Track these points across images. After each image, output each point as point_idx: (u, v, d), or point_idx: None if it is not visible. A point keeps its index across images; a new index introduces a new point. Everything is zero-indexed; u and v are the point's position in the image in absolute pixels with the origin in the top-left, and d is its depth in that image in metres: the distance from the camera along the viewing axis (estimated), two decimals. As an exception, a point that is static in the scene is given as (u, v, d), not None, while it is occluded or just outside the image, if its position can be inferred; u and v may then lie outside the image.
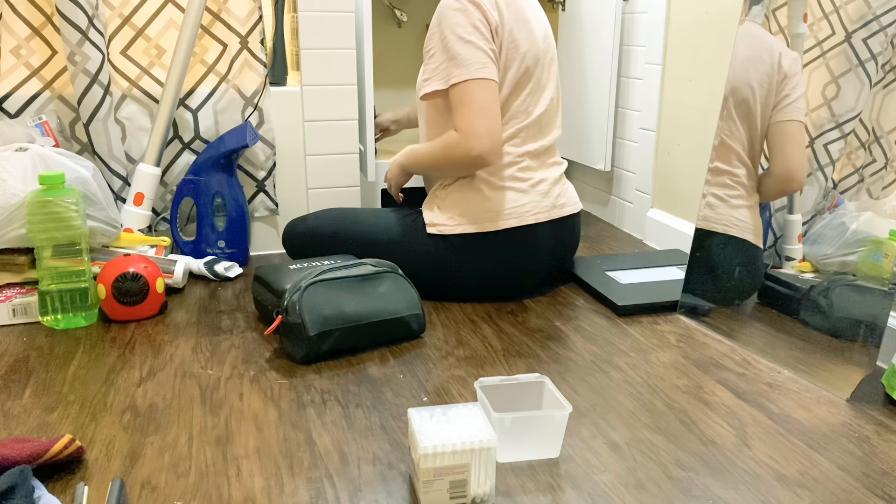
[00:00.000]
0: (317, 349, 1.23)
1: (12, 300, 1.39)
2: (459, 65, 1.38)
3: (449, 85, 1.40)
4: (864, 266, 1.16)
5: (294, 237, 1.62)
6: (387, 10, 2.38)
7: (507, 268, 1.49)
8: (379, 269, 1.33)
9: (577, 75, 2.23)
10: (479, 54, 1.39)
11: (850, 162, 1.20)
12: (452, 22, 1.39)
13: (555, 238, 1.52)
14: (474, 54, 1.38)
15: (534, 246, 1.49)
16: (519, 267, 1.50)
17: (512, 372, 1.21)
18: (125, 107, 1.69)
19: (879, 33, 1.16)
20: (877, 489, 0.92)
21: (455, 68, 1.39)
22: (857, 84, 1.19)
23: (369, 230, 1.54)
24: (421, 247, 1.49)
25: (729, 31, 1.66)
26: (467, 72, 1.38)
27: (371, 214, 1.59)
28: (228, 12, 1.70)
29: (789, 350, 1.26)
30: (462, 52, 1.38)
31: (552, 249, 1.53)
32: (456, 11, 1.39)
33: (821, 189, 1.25)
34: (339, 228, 1.57)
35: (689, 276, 1.46)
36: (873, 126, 1.17)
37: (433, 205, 1.52)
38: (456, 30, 1.39)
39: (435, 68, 1.42)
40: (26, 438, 0.92)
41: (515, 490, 0.91)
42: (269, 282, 1.33)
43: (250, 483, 0.91)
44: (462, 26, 1.38)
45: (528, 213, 1.47)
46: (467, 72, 1.38)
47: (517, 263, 1.49)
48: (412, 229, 1.52)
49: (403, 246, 1.50)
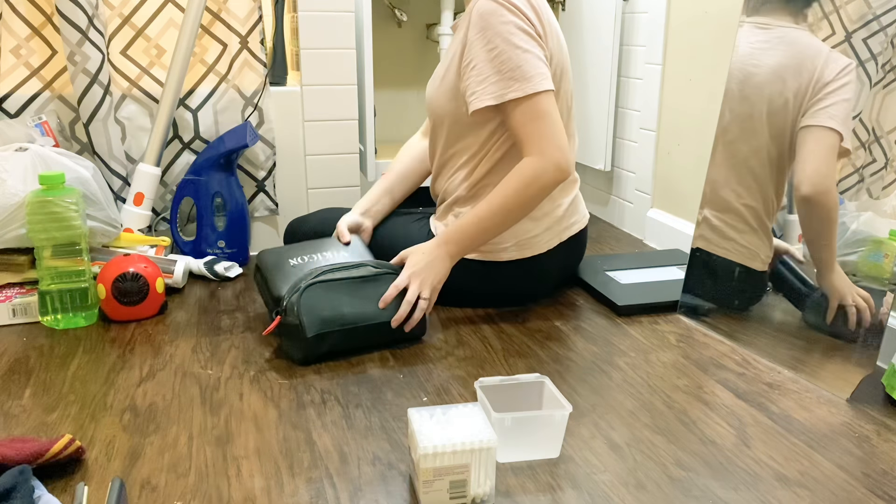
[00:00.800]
0: (315, 350, 1.23)
1: (12, 300, 1.39)
2: (518, 77, 1.26)
3: (506, 100, 1.27)
4: (864, 266, 1.16)
5: (296, 238, 1.62)
6: (387, 10, 2.38)
7: (517, 288, 1.47)
8: (380, 270, 1.32)
9: (577, 75, 2.23)
10: (538, 64, 1.27)
11: (850, 162, 1.20)
12: (501, 30, 1.26)
13: (565, 255, 1.50)
14: (534, 64, 1.26)
15: (544, 267, 1.47)
16: (528, 287, 1.48)
17: (512, 372, 1.21)
18: (125, 107, 1.69)
19: (879, 33, 1.16)
20: (877, 489, 0.92)
21: (513, 81, 1.26)
22: (857, 84, 1.19)
23: (373, 231, 1.53)
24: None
25: (729, 30, 1.66)
26: (531, 85, 1.26)
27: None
28: (228, 12, 1.70)
29: (789, 350, 1.26)
30: (521, 62, 1.26)
31: (561, 266, 1.52)
32: (502, 17, 1.26)
33: (821, 189, 1.25)
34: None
35: (689, 276, 1.46)
36: (873, 126, 1.17)
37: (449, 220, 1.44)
38: (509, 38, 1.26)
39: (481, 81, 1.28)
40: (26, 438, 0.92)
41: (515, 490, 0.91)
42: (268, 281, 1.32)
43: (250, 483, 0.91)
44: (514, 34, 1.26)
45: (540, 242, 1.43)
46: (531, 85, 1.26)
47: (527, 284, 1.47)
48: (419, 235, 1.46)
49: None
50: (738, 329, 1.35)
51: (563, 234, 1.47)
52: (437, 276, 1.30)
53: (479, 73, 1.28)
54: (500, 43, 1.26)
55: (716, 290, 1.41)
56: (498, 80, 1.27)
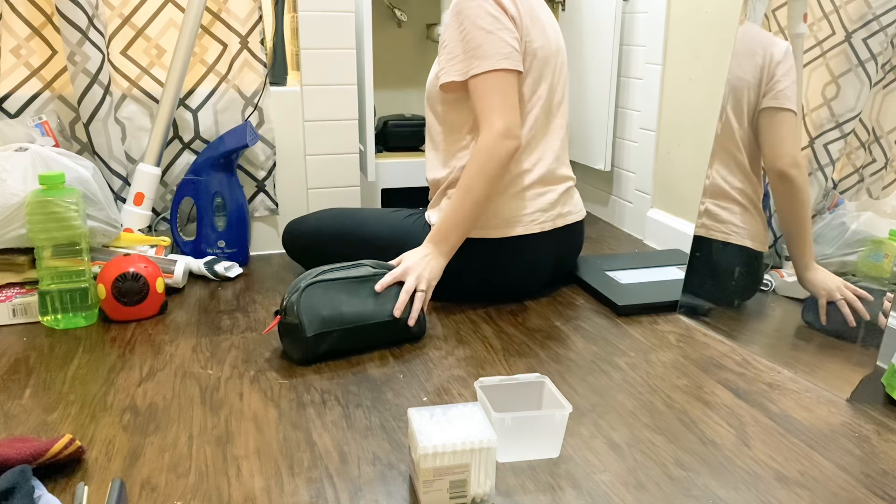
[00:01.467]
0: (314, 350, 1.23)
1: (12, 300, 1.39)
2: (479, 56, 1.36)
3: (469, 76, 1.38)
4: (864, 266, 1.16)
5: (295, 238, 1.62)
6: (387, 10, 2.38)
7: (510, 273, 1.49)
8: (378, 270, 1.32)
9: (577, 75, 2.23)
10: (500, 44, 1.36)
11: (850, 162, 1.20)
12: (471, 13, 1.37)
13: (558, 245, 1.52)
14: (495, 45, 1.35)
15: (536, 253, 1.48)
16: (521, 272, 1.50)
17: (512, 372, 1.21)
18: (125, 107, 1.69)
19: (879, 33, 1.16)
20: (877, 489, 0.92)
21: (475, 59, 1.36)
22: (857, 84, 1.19)
23: (374, 231, 1.53)
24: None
25: (729, 30, 1.66)
26: (489, 63, 1.35)
27: (374, 215, 1.57)
28: (228, 12, 1.70)
29: (789, 350, 1.26)
30: (482, 42, 1.35)
31: (554, 256, 1.53)
32: (474, 1, 1.37)
33: (821, 189, 1.25)
34: (341, 230, 1.56)
35: (689, 276, 1.46)
36: (873, 126, 1.17)
37: (441, 207, 1.50)
38: (475, 20, 1.36)
39: (451, 59, 1.40)
40: (26, 438, 0.92)
41: (515, 490, 0.91)
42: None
43: (250, 483, 0.91)
44: (481, 17, 1.36)
45: (532, 221, 1.46)
46: (489, 63, 1.35)
47: (519, 269, 1.49)
48: (417, 231, 1.50)
49: (409, 247, 1.46)
50: (738, 329, 1.35)
51: (558, 221, 1.49)
52: (432, 271, 1.34)
53: (450, 52, 1.41)
54: (468, 25, 1.37)
55: (716, 290, 1.42)
56: (463, 59, 1.38)
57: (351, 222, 1.56)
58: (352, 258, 1.42)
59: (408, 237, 1.49)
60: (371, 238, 1.53)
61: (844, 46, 1.20)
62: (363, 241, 1.53)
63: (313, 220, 1.61)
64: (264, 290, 1.60)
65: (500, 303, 1.52)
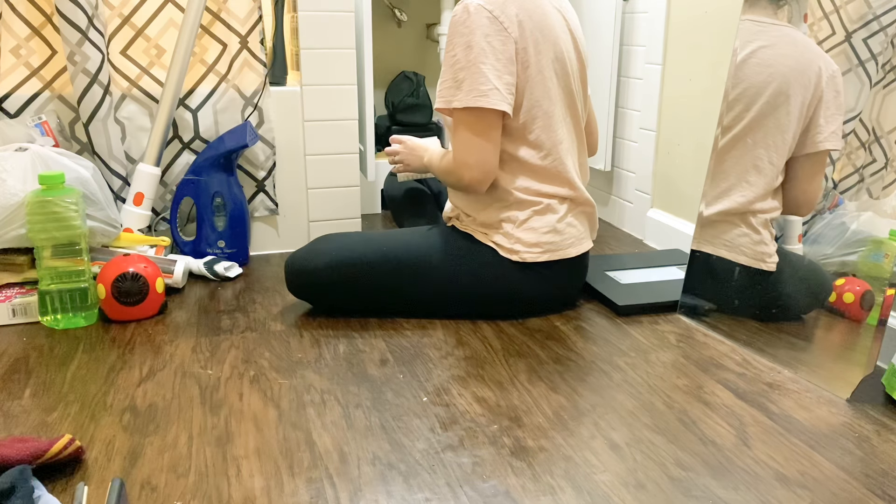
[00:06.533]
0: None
1: (12, 300, 1.39)
2: (462, 89, 1.31)
3: (451, 107, 1.34)
4: (865, 266, 1.16)
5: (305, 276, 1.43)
6: (387, 10, 2.38)
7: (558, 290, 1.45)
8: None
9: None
10: (483, 80, 1.29)
11: (850, 162, 1.20)
12: (460, 40, 1.31)
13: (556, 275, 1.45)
14: (478, 80, 1.29)
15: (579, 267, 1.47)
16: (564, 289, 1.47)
17: (512, 371, 1.21)
18: (125, 107, 1.69)
19: (879, 33, 1.16)
20: (877, 489, 0.92)
21: (458, 91, 1.32)
22: (858, 84, 1.19)
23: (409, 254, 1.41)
24: (483, 269, 1.39)
25: (729, 30, 1.66)
26: (467, 98, 1.30)
27: (396, 238, 1.45)
28: (228, 12, 1.70)
29: (789, 350, 1.26)
30: (466, 75, 1.30)
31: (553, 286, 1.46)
32: (467, 26, 1.30)
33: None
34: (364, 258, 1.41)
35: (689, 276, 1.46)
36: (873, 126, 1.17)
37: (500, 229, 1.40)
38: (467, 45, 1.30)
39: (441, 83, 1.36)
40: (26, 438, 0.92)
41: (516, 490, 0.91)
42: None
43: (250, 483, 0.91)
44: (474, 42, 1.29)
45: (579, 239, 1.44)
46: (467, 98, 1.30)
47: (566, 285, 1.46)
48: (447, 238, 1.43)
49: (462, 269, 1.40)
50: (738, 329, 1.35)
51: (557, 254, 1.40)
52: (415, 161, 1.58)
53: (442, 76, 1.37)
54: (458, 52, 1.32)
55: (716, 290, 1.42)
56: (450, 87, 1.34)
57: (375, 256, 1.41)
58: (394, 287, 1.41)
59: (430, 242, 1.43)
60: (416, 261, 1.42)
61: (844, 46, 1.20)
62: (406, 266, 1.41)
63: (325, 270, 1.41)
64: (264, 290, 1.60)
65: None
